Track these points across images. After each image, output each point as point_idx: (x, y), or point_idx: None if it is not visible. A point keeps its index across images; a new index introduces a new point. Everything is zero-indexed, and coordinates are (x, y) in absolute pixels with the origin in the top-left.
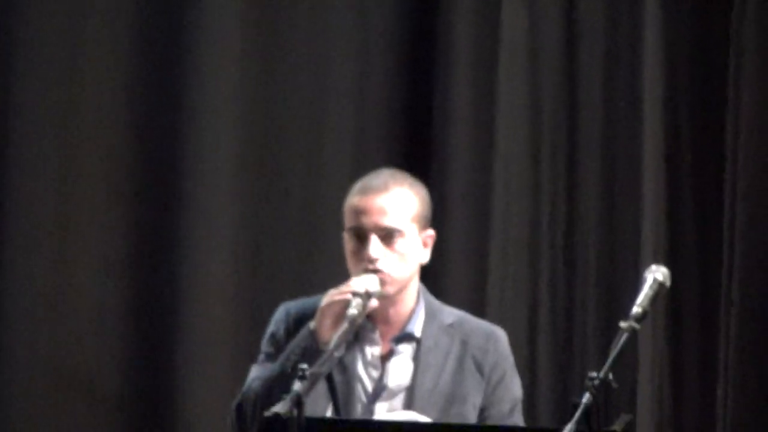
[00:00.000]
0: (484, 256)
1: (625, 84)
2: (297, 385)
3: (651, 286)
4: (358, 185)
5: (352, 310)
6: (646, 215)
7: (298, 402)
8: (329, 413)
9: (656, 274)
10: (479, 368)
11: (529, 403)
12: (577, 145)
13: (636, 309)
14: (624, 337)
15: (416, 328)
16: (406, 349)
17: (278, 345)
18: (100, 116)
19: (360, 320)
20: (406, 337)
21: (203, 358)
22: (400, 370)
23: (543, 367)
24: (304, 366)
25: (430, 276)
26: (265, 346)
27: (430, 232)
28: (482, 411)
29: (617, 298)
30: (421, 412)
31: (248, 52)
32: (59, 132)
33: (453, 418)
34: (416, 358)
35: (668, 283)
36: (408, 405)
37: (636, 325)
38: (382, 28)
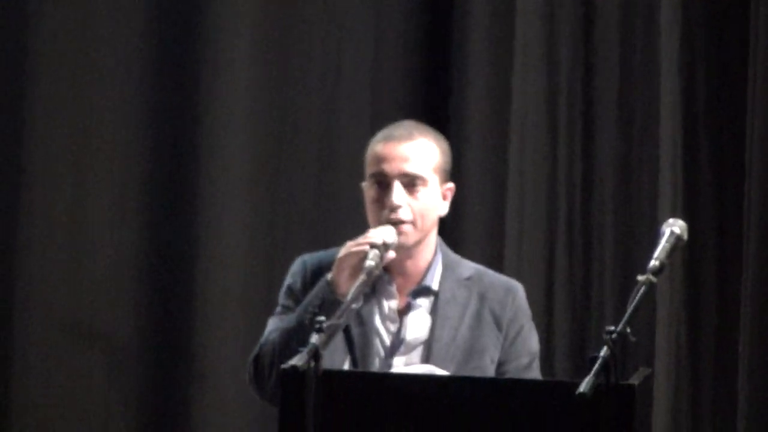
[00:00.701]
0: (501, 212)
1: (642, 36)
2: (314, 338)
3: (668, 240)
4: (381, 134)
5: (370, 262)
6: (663, 169)
7: (316, 354)
8: (347, 366)
9: (673, 227)
10: (497, 322)
11: (547, 356)
12: (593, 99)
13: (653, 262)
14: (642, 290)
15: (434, 281)
16: (423, 303)
17: (295, 297)
18: (114, 77)
19: (377, 272)
20: (423, 290)
21: (220, 310)
22: (418, 324)
23: (560, 321)
24: (322, 318)
25: (447, 232)
26: (282, 298)
27: (450, 185)
28: (500, 365)
29: (634, 252)
30: (439, 365)
31: (264, 16)
32: (76, 93)
33: (471, 372)
34: (434, 312)
35: (685, 237)
36: (426, 359)
37: (653, 279)
38: None
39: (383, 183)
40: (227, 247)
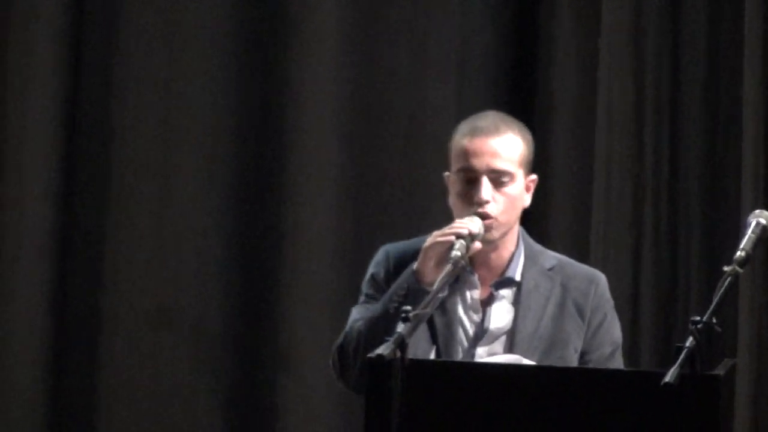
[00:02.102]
0: (587, 202)
1: (727, 27)
2: (400, 327)
3: (754, 230)
4: (466, 127)
5: (456, 252)
6: (746, 161)
7: (402, 344)
8: (432, 356)
9: (759, 218)
10: (580, 312)
11: (632, 346)
12: (680, 89)
13: (739, 253)
14: (727, 281)
15: (516, 272)
16: (506, 294)
17: (378, 287)
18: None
19: (463, 262)
20: (506, 282)
21: (306, 298)
22: (501, 315)
23: (646, 312)
24: (408, 308)
25: (533, 221)
26: (365, 287)
27: (534, 177)
28: (583, 355)
29: (720, 243)
30: (523, 355)
31: (351, 4)
32: (163, 84)
33: (554, 362)
34: (516, 302)
35: None
36: (509, 349)
37: (739, 269)
38: None
39: (470, 178)
40: (313, 235)
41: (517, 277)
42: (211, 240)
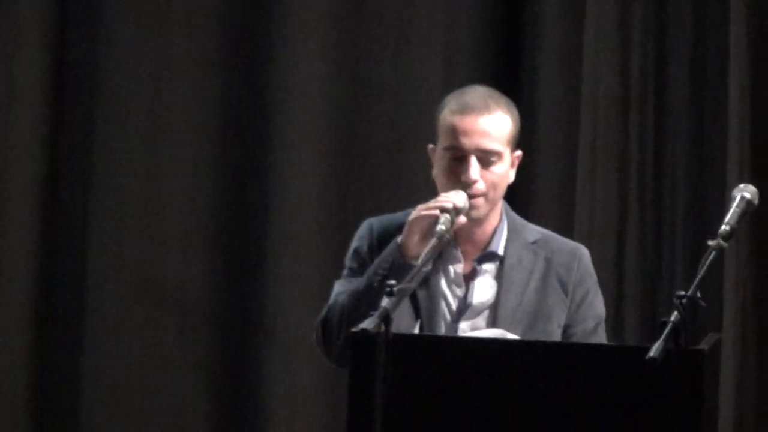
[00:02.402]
0: (572, 177)
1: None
2: (385, 301)
3: (739, 204)
4: (455, 103)
5: (441, 226)
6: (732, 135)
7: (386, 318)
8: (416, 331)
9: (744, 192)
10: (563, 286)
11: (617, 321)
12: (666, 63)
13: (724, 227)
14: (712, 255)
15: (499, 246)
16: (489, 268)
17: (362, 260)
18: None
19: (448, 236)
20: (489, 255)
21: (291, 272)
22: (484, 289)
23: (630, 286)
24: (392, 282)
25: (518, 198)
26: (348, 261)
27: (518, 153)
28: (566, 329)
29: (705, 217)
30: (506, 329)
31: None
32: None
33: (538, 336)
34: (499, 276)
35: (756, 201)
36: (492, 323)
37: (724, 243)
38: None
39: (459, 156)
40: (298, 209)
41: (500, 251)
42: (196, 215)
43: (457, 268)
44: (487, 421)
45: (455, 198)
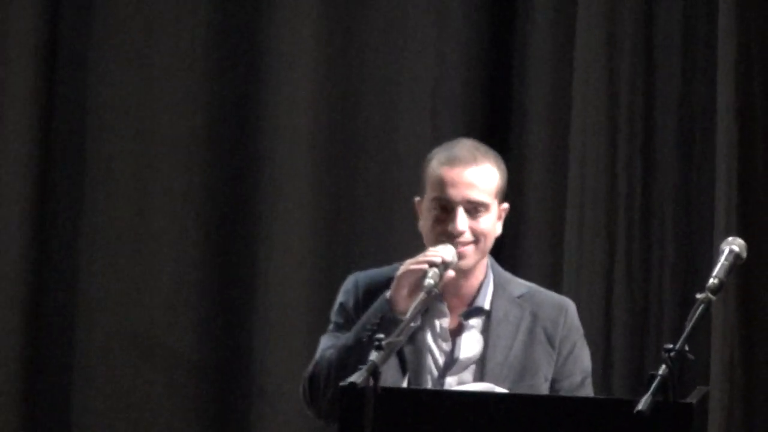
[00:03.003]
0: (560, 229)
1: (701, 51)
2: (374, 355)
3: (727, 258)
4: (443, 155)
5: (429, 281)
6: (720, 189)
7: (375, 372)
8: (404, 386)
9: (732, 245)
10: (550, 340)
11: (604, 374)
12: (653, 117)
13: (712, 280)
14: (700, 308)
15: (486, 301)
16: (476, 323)
17: (347, 315)
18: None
19: (437, 290)
20: (475, 311)
21: (280, 326)
22: (471, 344)
23: (618, 339)
24: (381, 336)
25: (505, 247)
26: (334, 316)
27: (505, 205)
28: (553, 383)
29: (692, 270)
30: (493, 384)
31: (326, 25)
32: (138, 112)
33: (524, 390)
34: (486, 331)
35: (744, 255)
36: (479, 377)
37: (712, 297)
38: None
39: (446, 207)
40: (287, 263)
41: (486, 306)
42: (186, 268)
43: (443, 323)
44: None
45: (444, 252)
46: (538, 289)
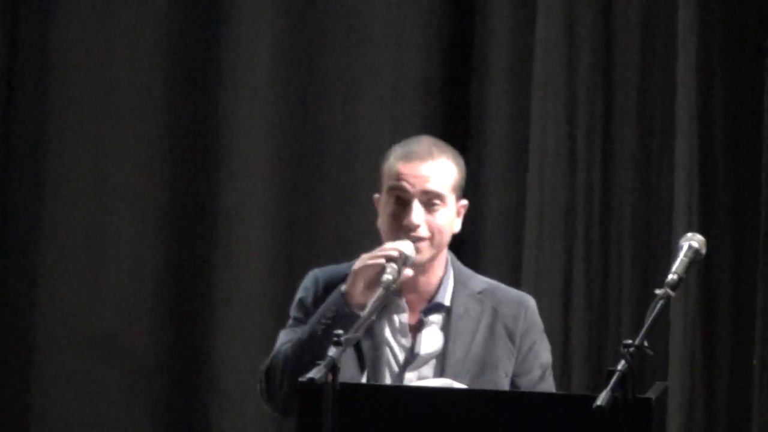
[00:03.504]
0: (520, 226)
1: (660, 51)
2: (332, 351)
3: (686, 254)
4: (400, 150)
5: (388, 276)
6: (679, 184)
7: (333, 368)
8: (363, 381)
9: (692, 241)
10: (510, 336)
11: (563, 370)
12: (613, 113)
13: (671, 276)
14: (659, 304)
15: (446, 297)
16: (436, 319)
17: (306, 311)
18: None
19: (395, 286)
20: (436, 307)
21: (238, 325)
22: (431, 340)
23: (577, 335)
24: (339, 331)
25: (466, 244)
26: (293, 311)
27: (464, 202)
28: (513, 379)
29: (651, 266)
30: (453, 379)
31: (285, 27)
32: (97, 111)
33: (485, 386)
34: (446, 327)
35: (704, 251)
36: (439, 373)
37: (671, 293)
38: None
39: (402, 200)
40: (246, 261)
41: (447, 302)
42: (144, 268)
43: (402, 318)
44: None
45: (402, 246)
46: (498, 286)
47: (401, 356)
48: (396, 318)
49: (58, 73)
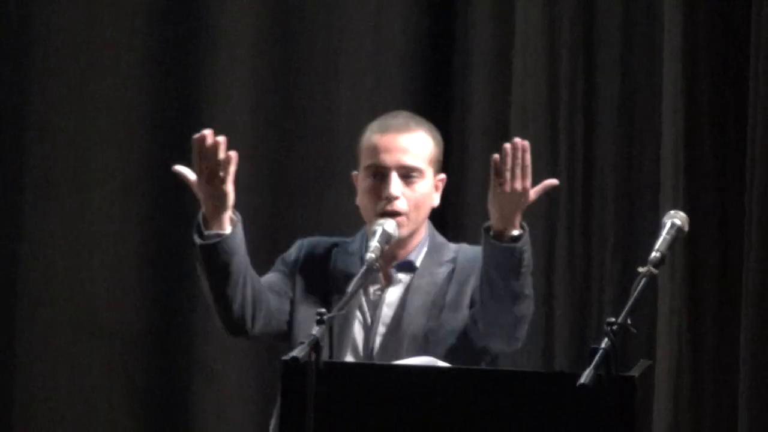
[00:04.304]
0: None
1: (644, 28)
2: (315, 330)
3: (669, 231)
4: (377, 124)
5: (371, 254)
6: (665, 160)
7: (316, 346)
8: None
9: (675, 218)
10: (467, 276)
11: (546, 348)
12: (595, 87)
13: (654, 254)
14: (643, 282)
15: (418, 259)
16: (403, 278)
17: (285, 263)
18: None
19: (378, 264)
20: (406, 265)
21: None
22: (393, 299)
23: (561, 313)
24: (323, 310)
25: (447, 218)
26: (276, 262)
27: (442, 176)
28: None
29: (635, 243)
30: (411, 322)
31: (264, 8)
32: (77, 90)
33: (445, 324)
34: (408, 287)
35: (687, 228)
36: (397, 320)
37: (654, 270)
38: None
39: (380, 174)
40: None
41: (417, 264)
42: (127, 246)
43: (377, 289)
44: None
45: (386, 225)
46: (466, 247)
47: (369, 317)
48: (371, 289)
49: (39, 53)
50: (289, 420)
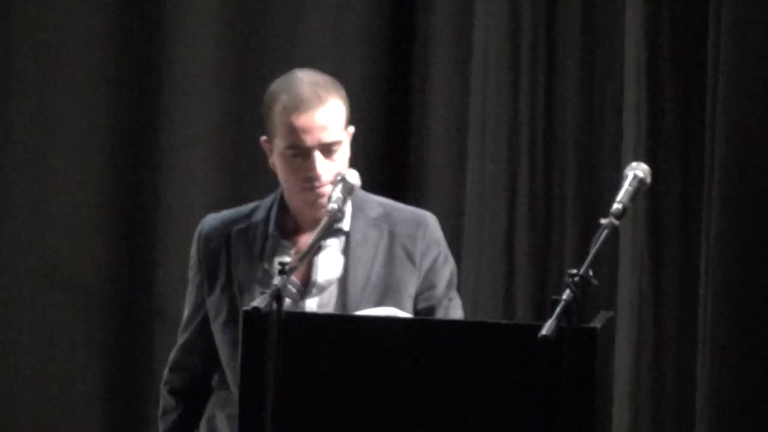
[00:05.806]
0: (462, 156)
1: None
2: (277, 279)
3: (631, 183)
4: (286, 98)
5: (333, 205)
6: (626, 112)
7: (278, 296)
8: None
9: (636, 170)
10: (410, 257)
11: (507, 299)
12: (556, 39)
13: (616, 206)
14: (604, 233)
15: (345, 222)
16: (334, 243)
17: (193, 276)
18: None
19: (340, 214)
20: (333, 231)
21: (180, 252)
22: (330, 264)
23: (521, 265)
24: (285, 260)
25: (411, 174)
26: (189, 272)
27: (351, 129)
28: (417, 298)
29: (597, 195)
30: (356, 305)
31: None
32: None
33: (388, 306)
34: (346, 252)
35: (649, 180)
36: (341, 299)
37: (616, 222)
38: None
39: (300, 154)
40: (190, 192)
41: (346, 228)
42: (88, 196)
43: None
44: (378, 399)
45: (348, 176)
46: (395, 207)
47: (299, 283)
48: (294, 250)
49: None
50: (250, 370)
